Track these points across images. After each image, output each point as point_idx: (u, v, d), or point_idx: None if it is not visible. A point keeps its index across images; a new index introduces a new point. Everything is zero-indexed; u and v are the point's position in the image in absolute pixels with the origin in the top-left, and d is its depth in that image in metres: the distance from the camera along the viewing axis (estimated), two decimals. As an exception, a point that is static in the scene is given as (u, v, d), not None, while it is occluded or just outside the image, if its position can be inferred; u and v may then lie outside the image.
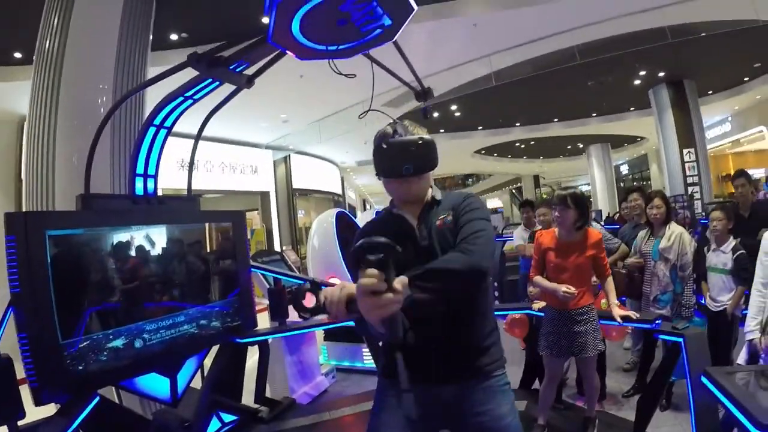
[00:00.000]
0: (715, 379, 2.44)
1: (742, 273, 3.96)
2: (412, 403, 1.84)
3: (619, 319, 3.58)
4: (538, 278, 3.74)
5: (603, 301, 3.94)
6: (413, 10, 2.33)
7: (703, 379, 2.57)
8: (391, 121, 1.92)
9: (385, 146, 1.80)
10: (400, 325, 1.41)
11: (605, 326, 3.88)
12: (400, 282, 1.38)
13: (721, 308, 4.17)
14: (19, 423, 2.70)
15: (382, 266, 1.32)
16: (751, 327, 3.20)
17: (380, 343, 2.01)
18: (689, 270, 4.43)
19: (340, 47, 2.52)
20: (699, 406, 2.91)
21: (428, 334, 1.75)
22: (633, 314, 3.62)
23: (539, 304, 3.95)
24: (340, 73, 2.30)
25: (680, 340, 3.27)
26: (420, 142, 1.79)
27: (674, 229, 4.47)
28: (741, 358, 3.34)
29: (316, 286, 4.10)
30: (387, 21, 2.34)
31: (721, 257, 4.20)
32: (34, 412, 2.84)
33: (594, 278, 3.77)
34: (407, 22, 2.41)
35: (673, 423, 3.99)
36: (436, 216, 1.91)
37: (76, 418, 2.84)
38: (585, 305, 3.56)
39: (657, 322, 3.58)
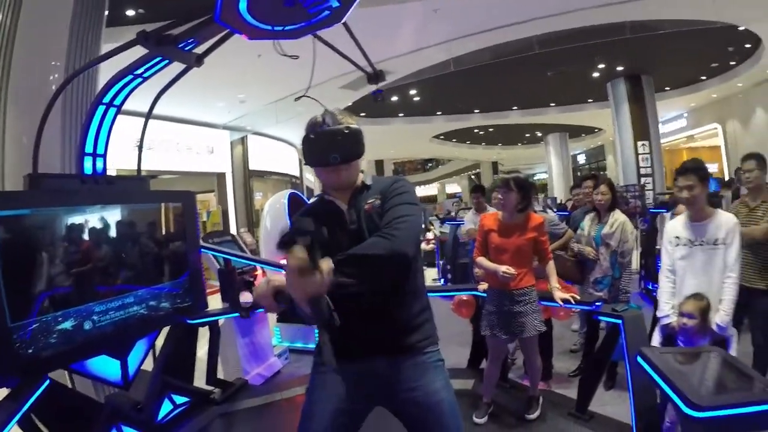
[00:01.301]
0: (650, 359, 2.52)
1: None
2: (340, 380, 1.91)
3: (559, 301, 3.69)
4: (480, 259, 3.82)
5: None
6: (361, -9, 2.36)
7: (639, 359, 2.65)
8: (324, 110, 1.94)
9: (312, 136, 1.84)
10: (325, 307, 1.44)
11: (552, 307, 4.01)
12: (325, 264, 1.43)
13: None
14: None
15: (309, 249, 1.38)
16: (665, 311, 3.35)
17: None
18: (629, 257, 4.58)
19: (288, 28, 2.53)
20: (636, 385, 3.03)
21: (358, 311, 1.74)
22: (573, 297, 3.74)
23: (484, 285, 4.02)
24: (285, 54, 2.31)
25: (619, 321, 3.41)
26: (346, 131, 1.83)
27: (617, 217, 4.57)
28: (655, 340, 3.49)
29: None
30: (335, 3, 2.36)
31: None
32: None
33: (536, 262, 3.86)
34: (355, 4, 2.43)
35: (617, 401, 4.06)
36: (365, 200, 1.95)
37: (26, 402, 2.81)
38: (525, 286, 3.65)
39: (597, 304, 3.73)
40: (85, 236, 3.29)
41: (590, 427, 3.63)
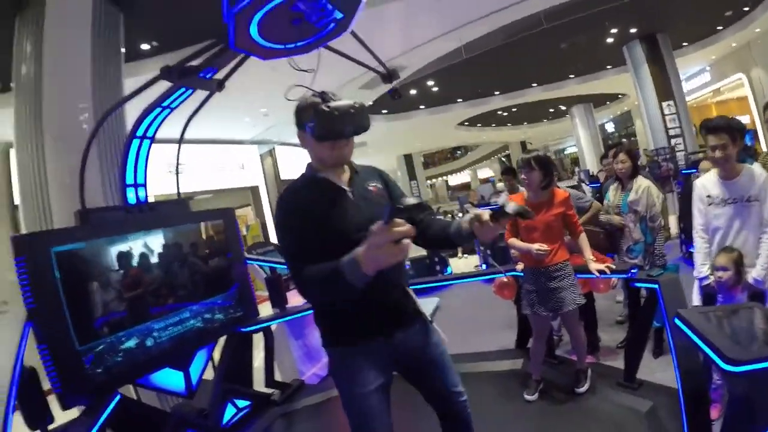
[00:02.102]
0: (688, 320, 2.51)
1: None
2: (372, 358, 2.10)
3: (595, 272, 3.74)
4: (512, 240, 3.89)
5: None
6: (361, 1, 2.49)
7: (677, 321, 2.63)
8: (312, 92, 2.07)
9: (327, 108, 1.89)
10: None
11: (591, 280, 4.08)
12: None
13: None
14: (49, 427, 2.92)
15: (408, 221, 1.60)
16: (703, 272, 3.34)
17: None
18: (659, 221, 4.57)
19: (299, 44, 2.67)
20: (678, 348, 3.02)
21: (381, 285, 1.94)
22: (607, 267, 3.78)
23: (521, 265, 4.07)
24: (302, 70, 2.45)
25: (655, 286, 3.41)
26: (357, 105, 1.94)
27: (641, 183, 4.59)
28: (695, 300, 3.51)
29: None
30: (338, 14, 2.49)
31: None
32: (61, 417, 3.05)
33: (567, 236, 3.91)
34: (358, 13, 2.57)
35: (665, 368, 4.03)
36: (365, 183, 2.18)
37: (100, 418, 3.03)
38: (559, 261, 3.72)
39: (632, 271, 3.74)
40: (138, 261, 3.52)
41: (639, 395, 3.65)
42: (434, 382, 2.30)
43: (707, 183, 3.38)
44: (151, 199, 4.06)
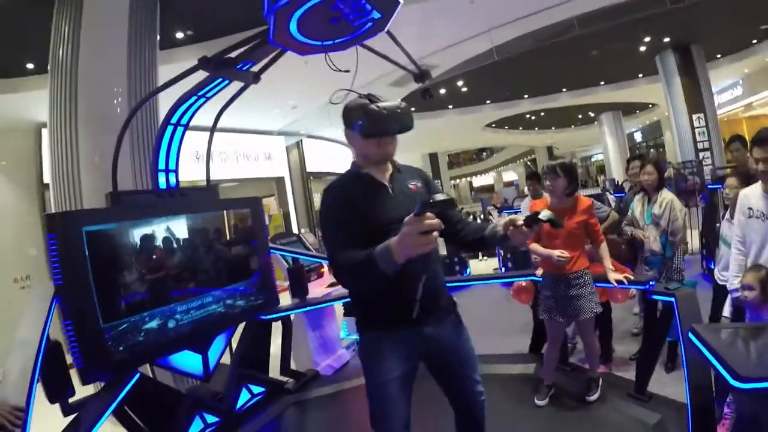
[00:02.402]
0: (701, 335, 2.49)
1: None
2: (398, 348, 2.21)
3: (614, 282, 3.75)
4: (533, 245, 3.89)
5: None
6: (399, 3, 2.54)
7: (691, 336, 2.61)
8: (358, 95, 2.23)
9: (376, 108, 2.06)
10: None
11: (610, 289, 4.07)
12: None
13: (726, 283, 3.72)
14: (70, 400, 3.02)
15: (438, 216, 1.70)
16: (735, 284, 3.25)
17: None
18: (680, 236, 4.56)
19: (336, 41, 2.73)
20: (691, 363, 3.00)
21: (414, 278, 2.12)
22: (626, 277, 3.78)
23: (540, 271, 4.10)
24: (339, 70, 2.52)
25: (672, 300, 3.41)
26: (403, 106, 2.11)
27: (665, 196, 4.59)
28: (726, 311, 3.47)
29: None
30: (376, 14, 2.55)
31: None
32: (81, 391, 3.15)
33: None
34: (395, 13, 2.62)
35: (677, 383, 3.97)
36: (405, 181, 2.30)
37: (119, 393, 3.14)
38: (580, 269, 3.74)
39: (650, 283, 3.74)
40: (165, 245, 3.62)
41: (648, 408, 3.66)
42: (458, 379, 2.39)
43: (751, 195, 3.25)
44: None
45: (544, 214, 1.96)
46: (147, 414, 3.51)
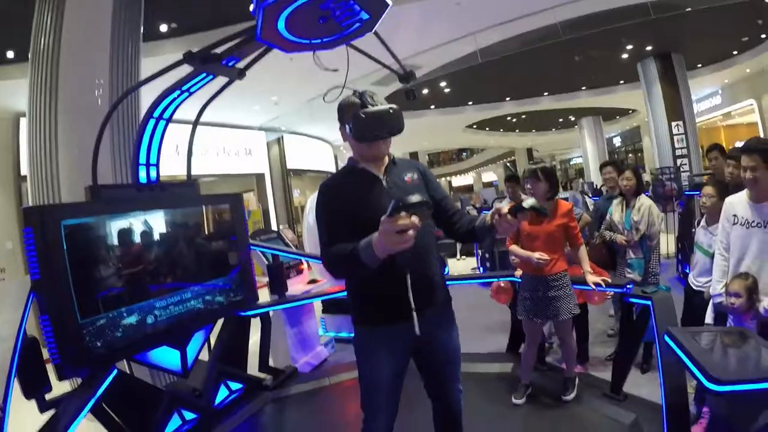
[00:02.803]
0: (677, 338, 2.58)
1: None
2: (391, 343, 2.26)
3: (591, 285, 3.82)
4: (513, 247, 3.96)
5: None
6: (388, 5, 2.53)
7: (666, 339, 2.71)
8: (353, 91, 2.26)
9: (363, 115, 2.11)
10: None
11: (587, 291, 4.11)
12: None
13: (700, 289, 3.89)
14: (47, 396, 2.98)
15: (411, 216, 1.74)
16: (718, 290, 3.29)
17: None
18: (657, 240, 4.68)
19: (324, 40, 2.72)
20: (666, 366, 3.05)
21: (406, 274, 2.17)
22: (603, 280, 3.85)
23: (519, 272, 4.15)
24: (325, 68, 2.52)
25: (648, 303, 3.48)
26: (392, 111, 2.14)
27: (643, 201, 4.69)
28: (708, 317, 3.49)
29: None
30: (365, 15, 2.56)
31: (709, 238, 3.91)
32: (58, 387, 3.10)
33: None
34: (384, 15, 2.62)
35: (652, 384, 3.95)
36: (400, 174, 2.34)
37: (97, 390, 3.08)
38: (559, 272, 3.79)
39: (628, 286, 3.82)
40: (144, 239, 3.58)
41: (624, 407, 3.73)
42: (442, 377, 2.45)
43: (736, 202, 3.28)
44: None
45: (528, 202, 1.97)
46: (125, 410, 3.47)
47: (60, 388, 3.14)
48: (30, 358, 2.85)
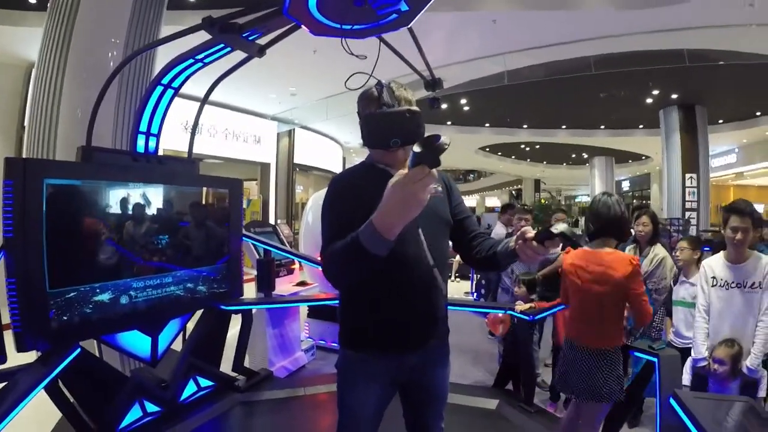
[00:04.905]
0: (684, 402, 2.45)
1: None
2: (379, 371, 1.98)
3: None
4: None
5: None
6: (431, -1, 2.34)
7: (672, 401, 2.57)
8: (377, 82, 1.87)
9: (372, 119, 1.77)
10: None
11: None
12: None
13: (687, 345, 3.79)
14: (0, 367, 2.78)
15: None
16: (702, 353, 3.32)
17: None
18: (665, 295, 4.40)
19: (355, 27, 2.52)
20: (665, 427, 2.88)
21: (407, 300, 1.89)
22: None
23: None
24: (352, 54, 2.28)
25: (655, 360, 3.28)
26: (408, 115, 1.72)
27: (658, 252, 4.44)
28: (685, 378, 3.47)
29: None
30: (404, 6, 2.34)
31: (690, 290, 4.01)
32: (14, 358, 2.90)
33: None
34: (424, 9, 2.41)
35: None
36: None
37: (56, 367, 2.87)
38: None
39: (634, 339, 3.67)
40: (132, 213, 3.36)
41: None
42: (427, 415, 2.17)
43: (714, 264, 3.40)
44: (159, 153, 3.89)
45: (558, 227, 1.67)
46: (82, 393, 3.24)
47: (16, 360, 2.93)
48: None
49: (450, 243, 2.16)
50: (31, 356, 3.02)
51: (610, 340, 3.08)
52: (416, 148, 1.40)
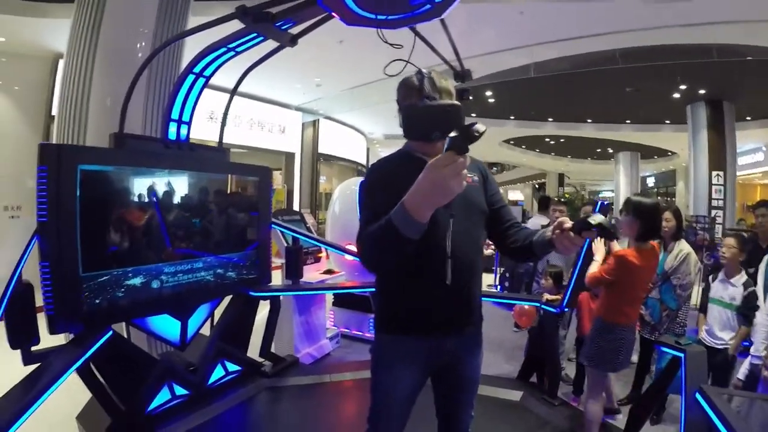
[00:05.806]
0: (710, 398, 2.42)
1: (750, 312, 3.74)
2: (414, 355, 2.02)
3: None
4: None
5: None
6: (465, -10, 2.34)
7: (698, 397, 2.55)
8: (418, 71, 1.88)
9: (413, 112, 1.77)
10: None
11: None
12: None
13: (720, 346, 3.86)
14: (33, 348, 2.82)
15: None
16: (761, 352, 3.22)
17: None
18: (689, 291, 4.38)
19: (389, 17, 2.53)
20: (690, 424, 2.83)
21: (444, 285, 1.91)
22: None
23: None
24: (387, 42, 2.29)
25: (681, 355, 3.22)
26: (449, 109, 1.72)
27: (682, 248, 4.39)
28: (741, 373, 3.41)
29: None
30: (438, -3, 2.36)
31: (730, 290, 3.91)
32: (47, 340, 2.95)
33: None
34: (457, 2, 2.42)
35: None
36: None
37: (89, 349, 2.92)
38: None
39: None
40: (164, 199, 3.41)
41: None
42: (458, 401, 2.22)
43: None
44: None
45: (596, 218, 1.67)
46: (113, 375, 3.29)
47: (49, 341, 2.99)
48: (22, 305, 2.70)
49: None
50: (59, 338, 3.09)
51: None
52: (451, 134, 1.43)
